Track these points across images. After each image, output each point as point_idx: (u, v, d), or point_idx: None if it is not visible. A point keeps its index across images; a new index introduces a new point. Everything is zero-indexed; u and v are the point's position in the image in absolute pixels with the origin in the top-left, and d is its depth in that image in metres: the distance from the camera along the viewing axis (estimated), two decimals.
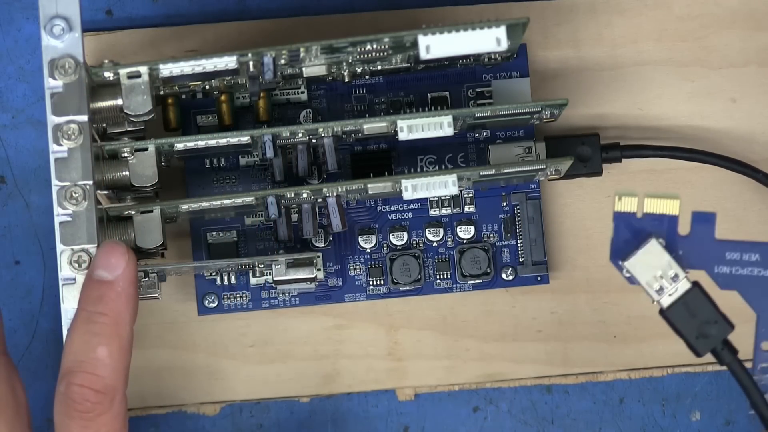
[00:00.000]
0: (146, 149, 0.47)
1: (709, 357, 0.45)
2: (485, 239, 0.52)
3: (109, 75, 0.45)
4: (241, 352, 0.52)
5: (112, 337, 0.43)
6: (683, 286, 0.44)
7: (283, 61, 0.47)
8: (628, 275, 0.45)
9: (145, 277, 0.48)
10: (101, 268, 0.44)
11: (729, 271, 0.45)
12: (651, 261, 0.44)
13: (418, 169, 0.52)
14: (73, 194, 0.44)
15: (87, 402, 0.43)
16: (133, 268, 0.44)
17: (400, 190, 0.47)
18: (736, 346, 0.45)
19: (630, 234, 0.45)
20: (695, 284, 0.44)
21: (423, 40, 0.44)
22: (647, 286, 0.44)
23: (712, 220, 0.45)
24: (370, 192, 0.48)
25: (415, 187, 0.47)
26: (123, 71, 0.45)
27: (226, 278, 0.52)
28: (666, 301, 0.44)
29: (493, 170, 0.47)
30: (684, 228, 0.45)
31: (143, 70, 0.45)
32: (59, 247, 0.44)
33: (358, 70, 0.50)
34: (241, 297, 0.52)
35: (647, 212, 0.45)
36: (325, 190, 0.48)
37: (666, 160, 0.52)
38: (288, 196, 0.48)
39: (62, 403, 0.43)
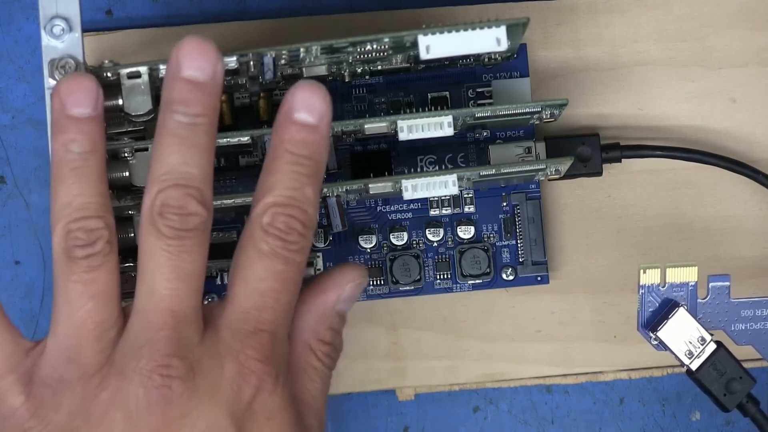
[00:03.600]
0: (146, 149, 0.47)
1: None
2: (485, 239, 0.52)
3: (109, 75, 0.45)
4: None
5: (316, 179, 0.43)
6: (710, 347, 0.47)
7: (283, 61, 0.47)
8: (656, 343, 0.47)
9: None
10: (304, 111, 0.43)
11: (744, 328, 0.48)
12: (680, 328, 0.47)
13: (418, 169, 0.52)
14: None
15: (295, 232, 0.42)
16: (331, 110, 0.43)
17: (400, 190, 0.47)
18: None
19: (656, 304, 0.48)
20: (719, 344, 0.47)
21: (423, 40, 0.44)
22: (678, 352, 0.47)
23: (727, 282, 0.48)
24: (370, 192, 0.48)
25: (415, 187, 0.47)
26: (123, 71, 0.45)
27: (226, 278, 0.52)
28: (695, 363, 0.47)
29: (493, 170, 0.47)
30: (702, 292, 0.48)
31: (143, 70, 0.45)
32: None
33: (358, 70, 0.50)
34: None
35: (669, 282, 0.47)
36: (325, 190, 0.48)
37: (666, 160, 0.52)
38: None
39: (260, 236, 0.42)
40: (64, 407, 0.41)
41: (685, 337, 0.47)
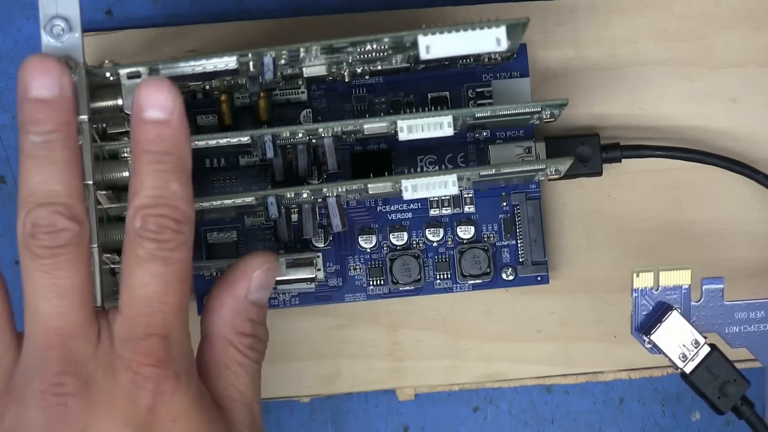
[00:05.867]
0: None
1: None
2: (485, 239, 0.52)
3: (109, 75, 0.45)
4: None
5: (181, 173, 0.42)
6: (703, 350, 0.47)
7: (283, 61, 0.47)
8: (649, 346, 0.47)
9: None
10: (152, 109, 0.42)
11: (738, 330, 0.48)
12: (674, 332, 0.47)
13: (418, 169, 0.52)
14: None
15: (168, 230, 0.42)
16: (182, 100, 0.42)
17: (400, 190, 0.47)
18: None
19: (650, 308, 0.48)
20: (713, 347, 0.47)
21: (423, 40, 0.44)
22: (671, 355, 0.47)
23: (720, 285, 0.47)
24: (370, 192, 0.48)
25: (415, 187, 0.47)
26: (123, 71, 0.45)
27: None
28: (689, 366, 0.47)
29: (493, 170, 0.47)
30: (695, 295, 0.47)
31: (143, 70, 0.45)
32: None
33: (358, 70, 0.50)
34: None
35: (663, 285, 0.47)
36: (325, 190, 0.48)
37: (666, 160, 0.52)
38: (288, 196, 0.48)
39: (136, 241, 0.42)
40: None
41: (678, 340, 0.47)
